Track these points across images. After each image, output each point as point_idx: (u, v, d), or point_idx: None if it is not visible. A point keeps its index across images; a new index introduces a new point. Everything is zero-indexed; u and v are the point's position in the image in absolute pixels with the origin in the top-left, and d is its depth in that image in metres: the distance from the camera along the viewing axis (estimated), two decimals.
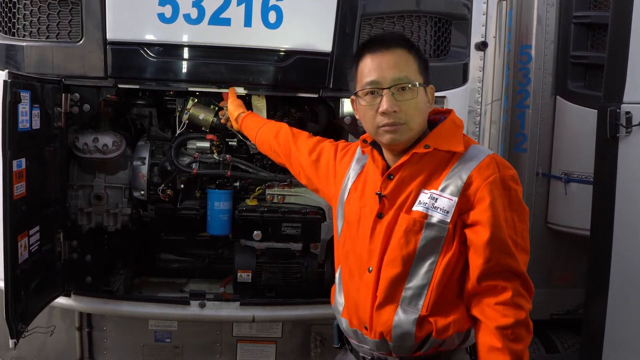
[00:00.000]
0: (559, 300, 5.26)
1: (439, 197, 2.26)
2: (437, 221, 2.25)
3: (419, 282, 2.28)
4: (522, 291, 2.22)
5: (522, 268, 2.22)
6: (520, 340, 2.18)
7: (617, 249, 3.96)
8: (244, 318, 3.70)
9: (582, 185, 4.75)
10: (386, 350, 2.38)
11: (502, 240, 2.19)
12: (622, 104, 3.84)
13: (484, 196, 2.21)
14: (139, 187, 3.69)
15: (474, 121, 3.77)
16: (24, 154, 2.92)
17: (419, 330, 2.29)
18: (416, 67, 2.32)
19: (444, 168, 2.31)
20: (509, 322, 2.16)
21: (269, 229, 3.69)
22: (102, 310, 3.74)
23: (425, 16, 3.47)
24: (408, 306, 2.30)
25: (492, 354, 2.19)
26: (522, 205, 2.28)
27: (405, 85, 2.28)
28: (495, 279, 2.20)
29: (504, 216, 2.21)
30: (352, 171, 2.59)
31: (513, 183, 2.26)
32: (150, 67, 3.29)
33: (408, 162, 2.32)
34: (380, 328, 2.34)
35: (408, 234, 2.28)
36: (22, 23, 3.33)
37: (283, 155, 2.98)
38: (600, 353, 4.05)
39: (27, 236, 3.02)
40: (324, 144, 2.86)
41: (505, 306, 2.18)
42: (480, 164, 2.26)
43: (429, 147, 2.29)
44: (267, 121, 3.25)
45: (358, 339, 2.47)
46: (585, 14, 4.82)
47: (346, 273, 2.50)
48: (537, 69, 4.98)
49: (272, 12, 3.23)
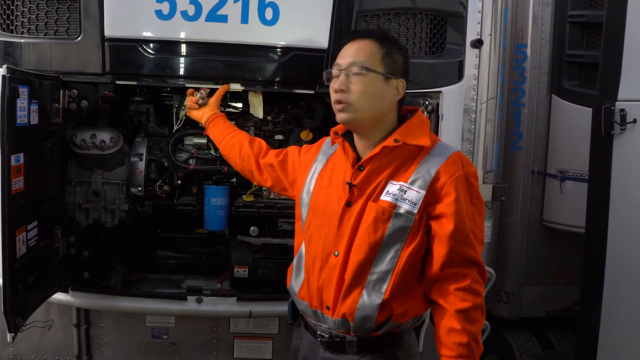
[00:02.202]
0: (554, 297, 5.28)
1: (408, 190, 2.43)
2: (404, 212, 2.41)
3: (384, 267, 2.45)
4: (479, 278, 2.44)
5: (479, 257, 2.44)
6: (476, 322, 2.40)
7: (612, 247, 3.99)
8: (240, 313, 3.73)
9: (578, 183, 4.77)
10: (345, 330, 2.54)
11: (464, 232, 2.39)
12: (617, 101, 3.86)
13: (449, 191, 2.39)
14: (137, 183, 3.70)
15: (470, 119, 3.78)
16: (22, 149, 2.92)
17: (380, 315, 2.47)
18: (379, 56, 2.48)
19: (412, 161, 2.48)
20: (467, 305, 2.37)
21: (265, 225, 3.72)
22: (99, 305, 3.74)
23: (421, 13, 3.50)
24: (372, 289, 2.46)
25: (452, 335, 2.38)
26: (480, 200, 2.50)
27: (358, 68, 2.45)
28: (456, 267, 2.40)
29: (466, 210, 2.40)
30: (318, 163, 2.74)
31: (474, 179, 2.47)
32: (147, 63, 3.30)
33: (379, 155, 2.48)
34: (344, 310, 2.49)
35: (377, 222, 2.44)
36: (21, 20, 3.34)
37: (254, 160, 3.07)
38: (595, 350, 4.07)
39: (25, 231, 3.02)
40: (289, 147, 3.05)
41: (465, 292, 2.39)
42: (447, 160, 2.44)
43: (399, 141, 2.45)
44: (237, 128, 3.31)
45: (317, 318, 2.62)
46: (581, 13, 4.84)
47: (309, 257, 2.63)
48: (533, 67, 5.00)
49: (269, 9, 3.24)
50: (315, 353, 2.66)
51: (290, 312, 2.86)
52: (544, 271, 5.25)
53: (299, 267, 2.73)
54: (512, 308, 5.29)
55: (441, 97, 3.48)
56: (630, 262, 3.93)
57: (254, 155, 3.07)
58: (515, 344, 5.23)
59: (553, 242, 5.20)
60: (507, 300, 5.29)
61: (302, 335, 2.77)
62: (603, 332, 4.04)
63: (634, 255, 3.93)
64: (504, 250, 5.23)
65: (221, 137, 3.22)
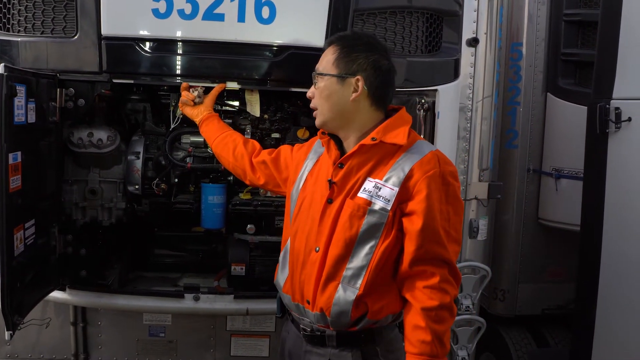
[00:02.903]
0: (550, 295, 5.30)
1: (382, 187, 2.46)
2: (378, 208, 2.45)
3: (359, 263, 2.48)
4: (450, 278, 2.44)
5: (451, 257, 2.44)
6: (443, 321, 2.41)
7: (607, 244, 4.00)
8: (238, 311, 3.74)
9: (573, 181, 4.78)
10: (324, 324, 2.59)
11: (435, 230, 2.40)
12: (612, 99, 3.88)
13: (421, 189, 2.41)
14: (134, 181, 3.70)
15: (466, 117, 3.81)
16: (19, 148, 2.93)
17: (355, 311, 2.50)
18: (332, 59, 2.56)
19: (389, 159, 2.51)
20: (434, 304, 2.39)
21: (262, 223, 3.73)
22: (96, 303, 3.76)
23: (417, 12, 3.51)
24: (347, 285, 2.50)
25: (416, 332, 2.41)
26: (458, 200, 2.50)
27: (316, 75, 2.61)
28: (425, 265, 2.42)
29: (439, 208, 2.42)
30: (309, 161, 2.80)
31: (451, 178, 2.48)
32: (144, 62, 3.31)
33: (357, 153, 2.53)
34: (321, 304, 2.55)
35: (352, 218, 2.49)
36: (17, 18, 3.34)
37: (247, 159, 3.12)
38: (590, 347, 4.09)
39: (23, 229, 3.03)
40: (281, 146, 3.13)
41: (433, 290, 2.40)
42: (422, 158, 2.46)
43: (376, 139, 2.50)
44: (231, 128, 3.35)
45: (299, 312, 2.68)
46: (576, 12, 4.86)
47: (293, 252, 2.69)
48: (528, 66, 5.02)
49: (266, 7, 3.25)
50: (299, 346, 2.72)
51: (279, 306, 2.90)
52: (539, 269, 5.27)
53: (285, 262, 2.79)
54: (508, 305, 5.31)
55: (437, 95, 3.50)
56: (625, 260, 3.95)
57: (247, 154, 3.11)
58: (510, 342, 5.25)
59: (548, 240, 5.22)
60: (502, 298, 5.31)
61: (289, 329, 2.84)
62: (598, 329, 4.06)
63: (629, 252, 3.94)
64: (499, 248, 5.24)
65: (214, 136, 3.24)
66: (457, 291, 2.48)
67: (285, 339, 2.86)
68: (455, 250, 2.48)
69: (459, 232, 2.51)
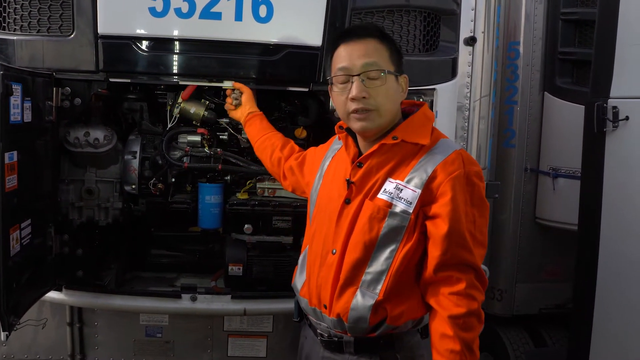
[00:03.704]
0: (547, 294, 5.28)
1: (404, 188, 2.35)
2: (400, 211, 2.35)
3: (379, 267, 2.38)
4: (476, 283, 2.32)
5: (477, 261, 2.32)
6: (471, 329, 2.29)
7: (605, 244, 3.99)
8: (235, 311, 3.73)
9: (570, 181, 4.78)
10: (342, 330, 2.49)
11: (460, 234, 2.29)
12: (609, 98, 3.87)
13: (446, 190, 2.29)
14: (130, 181, 3.70)
15: (463, 116, 3.79)
16: (15, 147, 2.91)
17: (374, 316, 2.40)
18: (387, 55, 2.41)
19: (411, 159, 2.40)
20: (461, 311, 2.26)
21: (259, 223, 3.70)
22: (93, 304, 3.75)
23: (415, 11, 3.50)
24: (367, 290, 2.40)
25: (444, 341, 2.28)
26: (483, 201, 2.38)
27: (374, 71, 2.37)
28: (450, 270, 2.30)
29: (464, 210, 2.30)
30: (326, 159, 2.72)
31: (477, 179, 2.36)
32: (141, 61, 3.30)
33: (377, 152, 2.42)
34: (338, 309, 2.45)
35: (372, 220, 2.38)
36: (13, 17, 3.33)
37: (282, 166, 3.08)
38: (588, 347, 4.08)
39: (19, 229, 3.01)
40: (309, 149, 3.02)
41: (459, 296, 2.28)
42: (446, 159, 2.35)
43: (397, 138, 2.39)
44: (273, 128, 3.33)
45: (316, 316, 2.58)
46: (573, 11, 4.85)
47: (312, 254, 2.60)
48: (525, 65, 5.01)
49: (263, 6, 3.24)
50: (316, 352, 2.64)
51: (297, 310, 2.80)
52: (536, 268, 5.26)
53: (303, 264, 2.70)
54: (505, 305, 5.30)
55: (435, 94, 3.49)
56: (622, 259, 3.94)
57: (284, 159, 3.08)
58: (508, 341, 5.24)
59: (546, 239, 5.21)
60: (500, 298, 5.30)
61: (306, 334, 2.75)
62: (596, 329, 4.06)
63: (627, 251, 3.94)
64: (497, 248, 5.23)
65: (255, 138, 3.25)
66: (484, 297, 2.35)
67: (303, 344, 2.78)
68: (481, 254, 2.36)
69: (484, 234, 2.39)
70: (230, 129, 3.73)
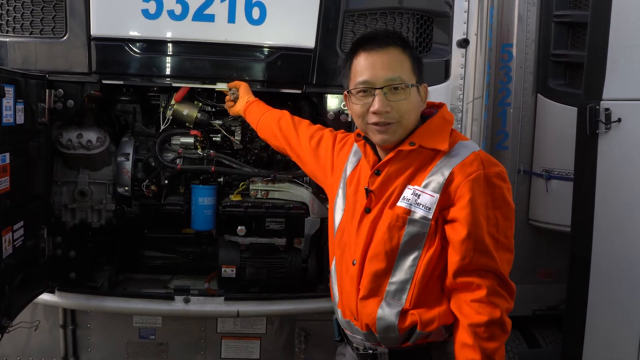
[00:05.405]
0: (540, 296, 5.29)
1: (422, 194, 2.27)
2: (419, 217, 2.27)
3: (403, 276, 2.31)
4: (500, 290, 2.21)
5: (499, 266, 2.22)
6: (494, 338, 2.18)
7: (598, 245, 3.99)
8: (228, 313, 3.73)
9: (563, 182, 4.78)
10: (374, 341, 2.42)
11: (480, 238, 2.19)
12: (602, 100, 3.88)
13: (464, 193, 2.20)
14: (123, 183, 3.70)
15: (456, 118, 3.80)
16: (8, 149, 2.91)
17: (402, 323, 2.32)
18: (409, 66, 2.33)
19: (429, 164, 2.32)
20: (482, 320, 2.16)
21: (252, 224, 3.71)
22: (86, 306, 3.74)
23: (408, 13, 3.52)
24: (392, 300, 2.33)
25: (464, 350, 2.20)
26: (506, 203, 2.26)
27: (398, 85, 2.28)
28: (470, 276, 2.21)
29: (484, 214, 2.20)
30: (349, 164, 2.62)
31: (498, 180, 2.25)
32: (134, 63, 3.31)
33: (394, 159, 2.34)
34: (365, 320, 2.39)
35: (391, 229, 2.31)
36: (6, 19, 3.33)
37: (283, 139, 3.02)
38: (581, 348, 4.08)
39: (12, 231, 3.00)
40: (324, 132, 2.90)
41: (481, 304, 2.18)
42: (464, 160, 2.26)
43: (414, 144, 2.30)
44: (269, 108, 3.27)
45: (351, 329, 2.51)
46: (566, 13, 4.86)
47: (340, 265, 2.53)
48: (518, 67, 5.01)
49: (256, 8, 3.25)
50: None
51: (337, 329, 2.68)
52: (530, 269, 5.26)
53: (334, 276, 2.62)
54: None
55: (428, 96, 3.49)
56: (615, 260, 3.95)
57: (283, 137, 3.02)
58: None
59: (539, 241, 5.21)
60: None
61: (345, 351, 2.67)
62: (589, 330, 4.06)
63: (620, 253, 3.94)
64: None
65: (254, 122, 3.24)
66: (510, 305, 2.23)
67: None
68: (506, 258, 2.25)
69: (509, 238, 2.27)
70: (224, 131, 3.73)
